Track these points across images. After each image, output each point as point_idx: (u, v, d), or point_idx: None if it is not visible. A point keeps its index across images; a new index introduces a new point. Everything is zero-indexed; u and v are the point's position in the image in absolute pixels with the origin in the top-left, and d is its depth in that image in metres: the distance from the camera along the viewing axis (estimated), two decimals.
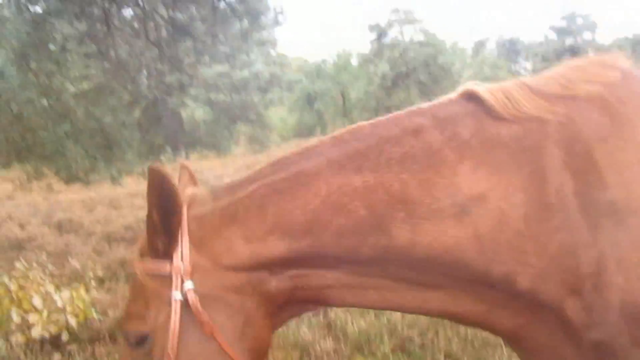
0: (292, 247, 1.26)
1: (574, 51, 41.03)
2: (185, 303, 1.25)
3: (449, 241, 1.21)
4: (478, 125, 1.26)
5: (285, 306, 1.36)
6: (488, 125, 1.25)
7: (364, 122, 1.36)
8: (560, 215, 1.19)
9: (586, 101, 1.24)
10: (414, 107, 1.36)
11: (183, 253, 1.28)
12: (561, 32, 42.71)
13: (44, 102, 5.09)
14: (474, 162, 1.23)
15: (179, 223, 1.29)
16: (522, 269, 1.20)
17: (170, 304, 1.26)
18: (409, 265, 1.25)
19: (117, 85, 6.23)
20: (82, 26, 5.92)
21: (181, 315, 1.25)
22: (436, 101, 1.35)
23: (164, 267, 1.29)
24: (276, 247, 1.26)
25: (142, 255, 1.33)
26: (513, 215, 1.20)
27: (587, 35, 42.44)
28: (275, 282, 1.30)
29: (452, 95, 1.35)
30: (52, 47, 5.63)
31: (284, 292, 1.31)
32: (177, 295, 1.26)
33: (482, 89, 1.30)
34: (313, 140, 1.38)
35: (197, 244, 1.29)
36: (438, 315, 1.39)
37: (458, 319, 1.38)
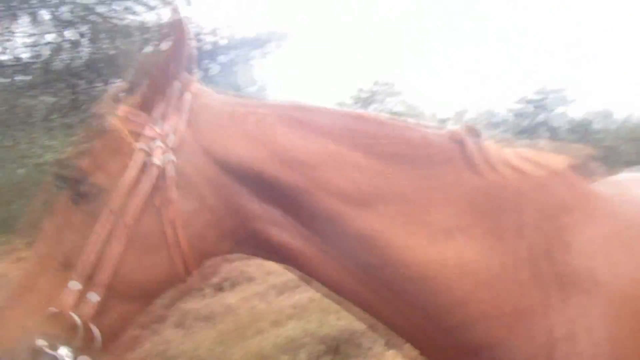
0: (285, 176, 1.24)
1: (548, 124, 42.44)
2: (160, 174, 1.20)
3: (434, 253, 1.22)
4: (459, 165, 1.32)
5: (249, 240, 1.30)
6: (466, 169, 1.32)
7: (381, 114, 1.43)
8: (531, 272, 1.24)
9: (554, 175, 1.35)
10: (415, 121, 1.43)
11: (177, 124, 1.24)
12: (536, 105, 44.36)
13: (20, 172, 5.10)
14: (458, 195, 1.28)
15: (186, 88, 1.26)
16: (496, 314, 1.22)
17: (143, 168, 1.20)
18: (391, 268, 1.23)
19: None
20: (64, 100, 6.05)
21: (151, 185, 1.19)
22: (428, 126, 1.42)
23: (150, 128, 1.23)
24: (274, 167, 1.24)
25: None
26: (488, 258, 1.23)
27: (560, 109, 44.10)
28: (254, 206, 1.26)
29: (441, 131, 1.42)
30: (33, 117, 5.72)
31: (255, 222, 1.27)
32: (155, 161, 1.20)
33: (468, 136, 1.37)
34: (336, 107, 1.41)
35: (193, 124, 1.25)
36: (401, 333, 1.35)
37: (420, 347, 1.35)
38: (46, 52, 6.04)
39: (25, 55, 6.06)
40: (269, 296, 8.56)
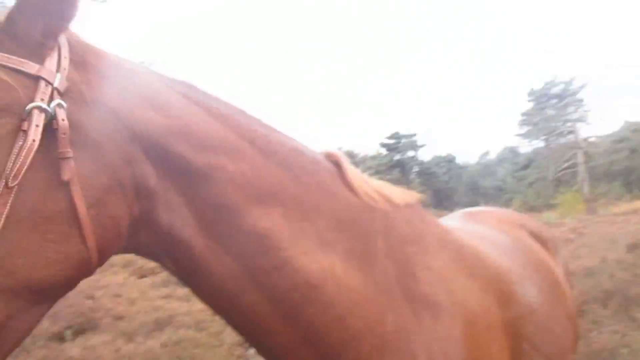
0: (194, 158, 1.12)
1: (400, 166, 46.05)
2: (48, 121, 0.94)
3: (320, 263, 1.19)
4: (336, 183, 1.33)
5: (138, 225, 1.11)
6: (342, 188, 1.33)
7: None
8: (388, 296, 1.26)
9: (397, 209, 1.41)
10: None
11: (61, 62, 0.99)
12: (390, 148, 47.96)
13: None
14: (334, 210, 1.27)
15: (70, 19, 0.99)
16: (367, 334, 1.21)
17: (25, 116, 0.92)
18: (281, 272, 1.17)
19: None
20: None
21: (40, 137, 0.92)
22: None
23: (29, 65, 0.95)
24: (185, 146, 1.12)
25: None
26: (359, 277, 1.23)
27: (411, 153, 48.19)
28: (153, 183, 1.09)
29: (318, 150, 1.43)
30: None
31: (152, 202, 1.09)
32: (41, 104, 0.93)
33: (344, 157, 1.40)
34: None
35: (80, 65, 1.03)
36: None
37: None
38: None
39: None
40: (117, 344, 7.82)
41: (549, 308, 1.85)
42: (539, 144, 44.09)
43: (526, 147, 46.33)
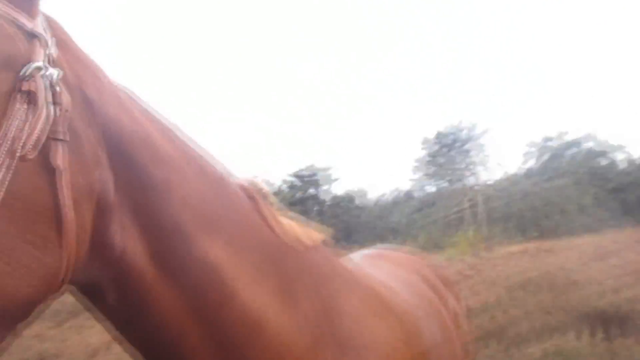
0: (154, 169, 1.03)
1: (314, 199, 46.54)
2: (51, 90, 0.82)
3: (262, 298, 1.14)
4: (257, 217, 1.28)
5: (93, 251, 0.94)
6: (261, 222, 1.28)
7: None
8: (311, 338, 1.24)
9: (307, 249, 1.38)
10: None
11: (47, 30, 0.88)
12: (304, 181, 48.38)
13: None
14: (259, 242, 1.23)
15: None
16: None
17: (25, 76, 0.78)
18: (229, 308, 1.10)
19: None
20: None
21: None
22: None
23: (25, 19, 0.82)
24: (147, 155, 1.02)
25: None
26: (283, 319, 1.19)
27: (325, 186, 48.91)
28: (110, 194, 0.95)
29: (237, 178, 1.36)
30: None
31: (108, 216, 0.96)
32: (47, 69, 0.81)
33: (258, 189, 1.34)
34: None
35: (59, 41, 0.91)
36: None
37: None
38: None
39: None
40: None
41: (440, 349, 1.95)
42: (432, 188, 46.72)
43: (419, 191, 48.82)
